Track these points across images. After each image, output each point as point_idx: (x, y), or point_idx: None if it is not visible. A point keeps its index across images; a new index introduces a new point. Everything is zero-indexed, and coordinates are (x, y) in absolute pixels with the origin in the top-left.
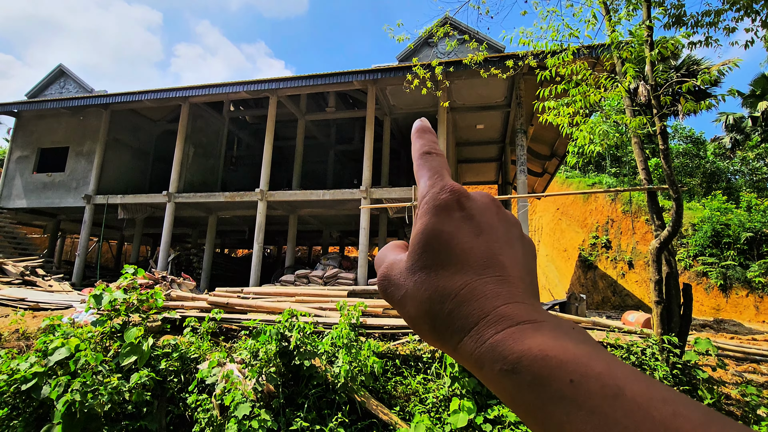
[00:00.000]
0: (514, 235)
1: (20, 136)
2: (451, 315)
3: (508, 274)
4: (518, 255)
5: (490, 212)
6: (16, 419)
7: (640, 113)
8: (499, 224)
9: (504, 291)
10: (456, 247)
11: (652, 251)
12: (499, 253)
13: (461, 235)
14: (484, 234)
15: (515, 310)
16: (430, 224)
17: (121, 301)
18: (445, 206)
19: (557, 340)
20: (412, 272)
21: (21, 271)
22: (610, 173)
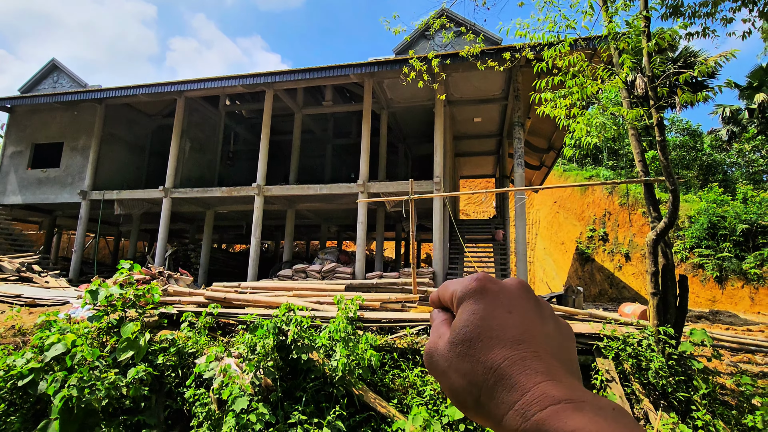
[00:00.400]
0: (545, 316)
1: (14, 131)
2: (494, 388)
3: (542, 350)
4: (550, 332)
5: (520, 295)
6: (13, 415)
7: (637, 105)
8: (528, 304)
9: (542, 366)
10: (492, 323)
11: (648, 243)
12: (531, 328)
13: (495, 312)
14: (516, 312)
15: (555, 387)
16: (467, 306)
17: (118, 297)
18: (478, 289)
19: (599, 423)
20: (454, 345)
21: (17, 267)
22: (608, 166)
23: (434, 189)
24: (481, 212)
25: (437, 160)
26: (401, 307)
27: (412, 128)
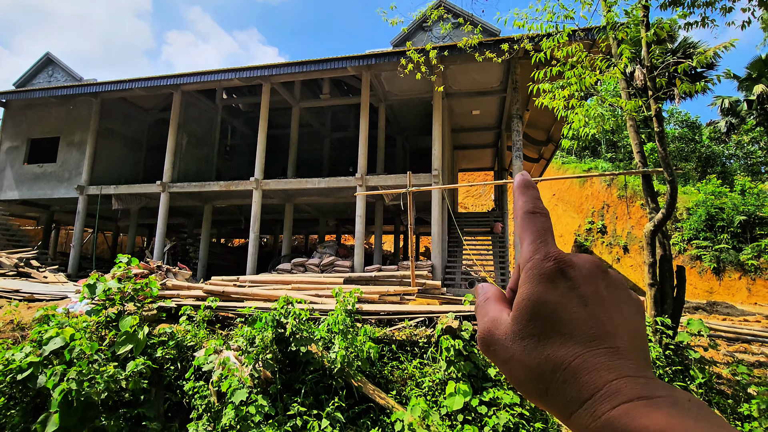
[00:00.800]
0: (621, 300)
1: (9, 126)
2: (564, 385)
3: (617, 345)
4: (627, 322)
5: (596, 280)
6: (13, 408)
7: (636, 96)
8: (606, 291)
9: (615, 364)
10: (563, 318)
11: (646, 234)
12: (607, 322)
13: (568, 305)
14: (591, 304)
15: (628, 384)
16: (536, 293)
17: (116, 291)
18: (550, 275)
19: (674, 417)
20: (520, 338)
21: (15, 262)
22: (606, 158)
23: (432, 182)
24: (480, 205)
25: (435, 153)
26: (400, 299)
27: (410, 121)
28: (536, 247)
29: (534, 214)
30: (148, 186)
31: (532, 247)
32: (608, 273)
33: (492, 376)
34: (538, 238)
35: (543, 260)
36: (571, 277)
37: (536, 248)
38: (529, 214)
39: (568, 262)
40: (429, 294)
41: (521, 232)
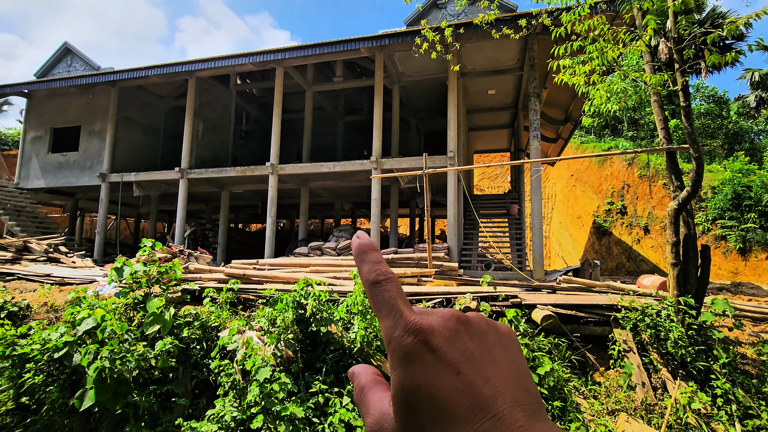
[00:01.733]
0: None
1: (33, 116)
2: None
3: (501, 410)
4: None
5: (460, 338)
6: (52, 385)
7: (661, 70)
8: (473, 345)
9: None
10: (440, 398)
11: (670, 212)
12: (483, 385)
13: (440, 381)
14: (463, 370)
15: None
16: (407, 379)
17: (142, 274)
18: (412, 353)
19: None
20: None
21: (45, 248)
22: (627, 137)
23: (448, 163)
24: (496, 187)
25: (451, 135)
26: (417, 281)
27: (425, 102)
28: (393, 322)
29: (379, 284)
30: (167, 173)
31: (388, 322)
32: (470, 321)
33: None
34: (392, 311)
35: (402, 337)
36: (435, 347)
37: (393, 323)
38: (375, 284)
39: (427, 331)
40: (446, 275)
41: (373, 306)
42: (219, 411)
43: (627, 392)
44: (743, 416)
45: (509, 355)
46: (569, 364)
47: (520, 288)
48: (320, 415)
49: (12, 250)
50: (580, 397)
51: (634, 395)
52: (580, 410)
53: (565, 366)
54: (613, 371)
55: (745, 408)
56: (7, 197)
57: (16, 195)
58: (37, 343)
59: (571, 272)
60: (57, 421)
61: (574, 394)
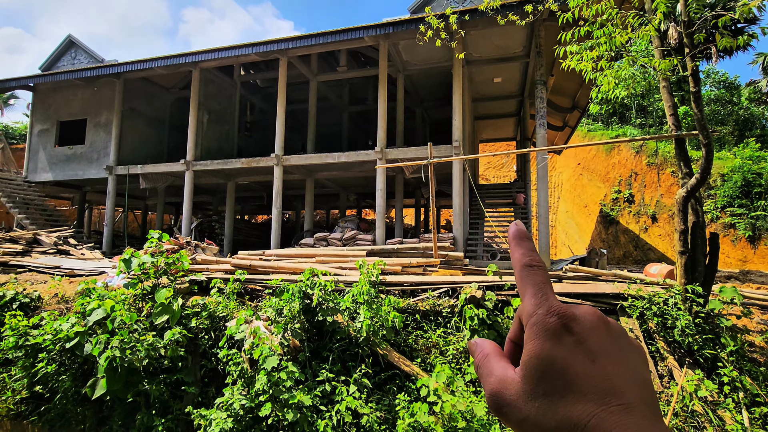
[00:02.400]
0: (626, 350)
1: (39, 109)
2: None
3: (629, 401)
4: (634, 373)
5: (600, 332)
6: (64, 374)
7: (670, 55)
8: (610, 344)
9: (631, 422)
10: (574, 374)
11: (678, 200)
12: (616, 376)
13: (576, 361)
14: (599, 358)
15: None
16: (544, 351)
17: (150, 265)
18: (555, 331)
19: None
20: (532, 398)
21: (54, 241)
22: (635, 124)
23: (453, 153)
24: (502, 176)
25: (456, 124)
26: (422, 271)
27: (430, 92)
28: (538, 301)
29: (532, 268)
30: (173, 165)
31: (533, 300)
32: (610, 323)
33: None
34: (539, 291)
35: (546, 315)
36: (576, 332)
37: (538, 302)
38: (528, 267)
39: (571, 317)
40: (451, 265)
41: (521, 285)
42: (228, 399)
43: None
44: (750, 404)
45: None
46: None
47: None
48: (327, 403)
49: (22, 243)
50: None
51: None
52: None
53: None
54: None
55: (753, 395)
56: (16, 190)
57: (24, 188)
58: (48, 334)
59: (577, 261)
60: (70, 409)
61: None
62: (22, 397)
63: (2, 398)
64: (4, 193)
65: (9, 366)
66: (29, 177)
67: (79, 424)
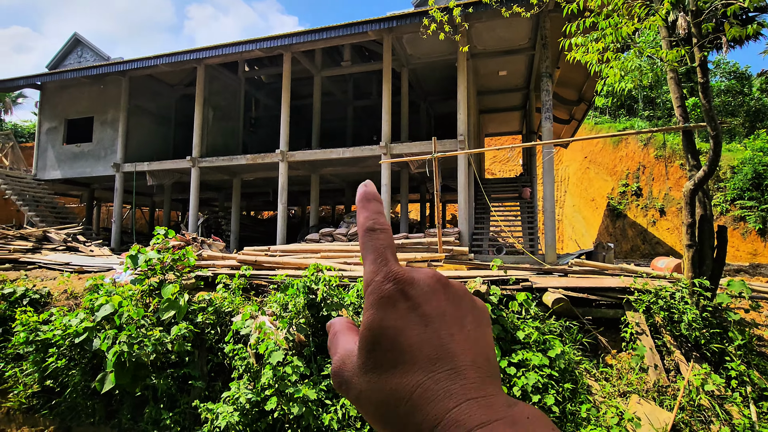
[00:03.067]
0: (464, 311)
1: (47, 108)
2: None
3: (459, 365)
4: (470, 334)
5: (437, 294)
6: (74, 369)
7: (678, 46)
8: (448, 306)
9: (457, 387)
10: (404, 343)
11: (685, 193)
12: (449, 341)
13: (408, 328)
14: (432, 323)
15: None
16: (376, 320)
17: (156, 261)
18: (389, 298)
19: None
20: (364, 371)
21: (63, 238)
22: (643, 117)
23: (458, 147)
24: (507, 170)
25: (461, 118)
26: (427, 265)
27: (434, 85)
28: (377, 267)
29: (374, 231)
30: (179, 161)
31: (372, 267)
32: (450, 285)
33: (521, 339)
34: (379, 257)
35: (383, 282)
36: (412, 297)
37: (377, 269)
38: (369, 231)
39: (408, 281)
40: (456, 260)
41: (362, 251)
42: (234, 393)
43: (639, 374)
44: (758, 398)
45: (479, 325)
46: (581, 346)
47: (531, 271)
48: (332, 397)
49: (32, 240)
50: (591, 379)
51: (647, 377)
52: (591, 392)
53: (577, 349)
54: (625, 354)
55: (761, 389)
56: (26, 188)
57: (34, 186)
58: (58, 329)
59: (584, 255)
60: (80, 403)
61: (586, 376)
62: (33, 391)
63: (15, 392)
64: (14, 191)
65: (20, 361)
66: (38, 175)
67: (89, 418)
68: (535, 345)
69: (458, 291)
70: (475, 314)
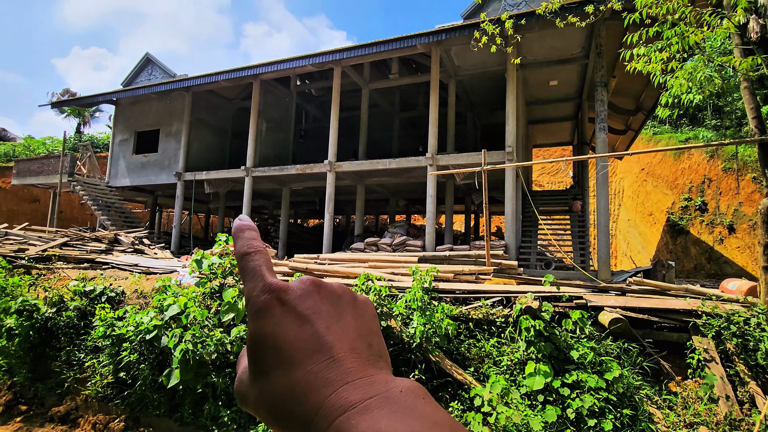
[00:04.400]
0: (342, 307)
1: (120, 121)
2: (292, 416)
3: (336, 354)
4: (348, 325)
5: (311, 296)
6: (143, 363)
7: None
8: (323, 304)
9: (333, 375)
10: (283, 345)
11: (762, 210)
12: (325, 333)
13: (285, 330)
14: (308, 321)
15: (345, 393)
16: (255, 329)
17: (218, 265)
18: (266, 307)
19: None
20: (253, 380)
21: (132, 240)
22: (709, 126)
23: (506, 159)
24: (556, 183)
25: (509, 129)
26: (475, 278)
27: (481, 96)
28: (253, 284)
29: (248, 254)
30: (234, 171)
31: (250, 284)
32: (324, 285)
33: (575, 359)
34: (255, 275)
35: (258, 295)
36: (286, 301)
37: (254, 285)
38: (245, 255)
39: (282, 289)
40: (505, 274)
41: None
42: None
43: (708, 405)
44: None
45: (361, 318)
46: (641, 371)
47: (585, 289)
48: None
49: (105, 242)
50: (653, 406)
51: (717, 409)
52: (653, 420)
53: (636, 373)
54: (691, 381)
55: None
56: (100, 194)
57: (106, 192)
58: (131, 326)
59: (641, 273)
60: (148, 395)
61: (647, 403)
62: (108, 381)
63: (92, 381)
64: (90, 196)
65: (98, 353)
66: (110, 182)
67: (155, 410)
68: (590, 366)
69: (335, 290)
70: (356, 308)
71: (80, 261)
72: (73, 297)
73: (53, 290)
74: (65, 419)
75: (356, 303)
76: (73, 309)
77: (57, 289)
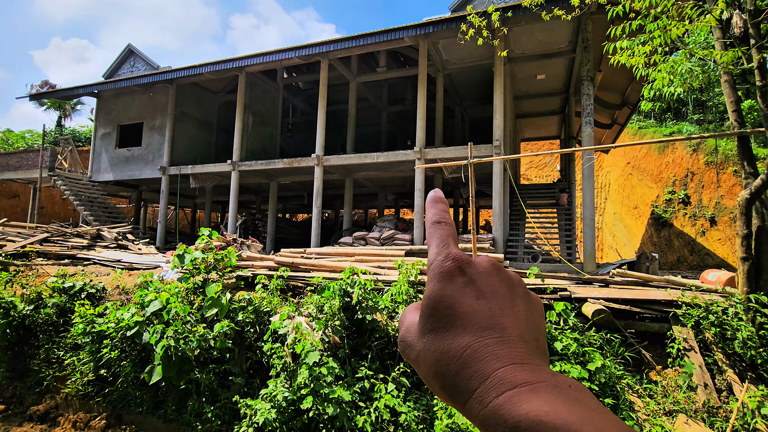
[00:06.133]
0: (517, 295)
1: (102, 114)
2: (456, 376)
3: (507, 335)
4: (520, 314)
5: (491, 276)
6: (125, 360)
7: (733, 46)
8: (501, 286)
9: (504, 352)
10: (458, 310)
11: (741, 202)
12: (499, 314)
13: (463, 298)
14: (486, 297)
15: (513, 372)
16: (435, 290)
17: (201, 261)
18: (448, 273)
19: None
20: (422, 335)
21: (115, 236)
22: (692, 120)
23: (494, 153)
24: (544, 176)
25: (497, 123)
26: None
27: (469, 90)
28: (439, 250)
29: (440, 224)
30: (220, 165)
31: (435, 250)
32: (504, 270)
33: (558, 350)
34: (442, 242)
35: (443, 260)
36: (468, 273)
37: (439, 251)
38: (436, 223)
39: (466, 261)
40: None
41: (428, 239)
42: (272, 391)
43: (687, 393)
44: None
45: (531, 312)
46: (623, 360)
47: (570, 281)
48: (366, 399)
49: (87, 238)
50: (634, 395)
51: (695, 396)
52: (634, 409)
53: (618, 363)
54: (671, 370)
55: None
56: (82, 189)
57: (89, 187)
58: (112, 322)
59: (625, 265)
60: (130, 392)
61: (628, 392)
62: (89, 379)
63: (72, 379)
64: (72, 191)
65: (78, 350)
66: (93, 177)
67: (137, 407)
68: (573, 357)
69: (513, 278)
70: (527, 301)
71: (61, 257)
72: (52, 294)
73: (31, 287)
74: (45, 418)
75: (529, 297)
76: (52, 306)
77: (35, 286)
